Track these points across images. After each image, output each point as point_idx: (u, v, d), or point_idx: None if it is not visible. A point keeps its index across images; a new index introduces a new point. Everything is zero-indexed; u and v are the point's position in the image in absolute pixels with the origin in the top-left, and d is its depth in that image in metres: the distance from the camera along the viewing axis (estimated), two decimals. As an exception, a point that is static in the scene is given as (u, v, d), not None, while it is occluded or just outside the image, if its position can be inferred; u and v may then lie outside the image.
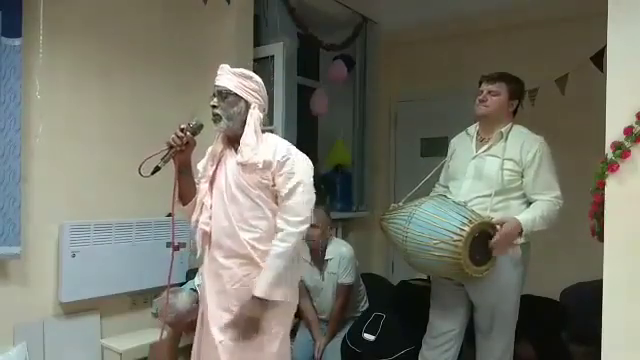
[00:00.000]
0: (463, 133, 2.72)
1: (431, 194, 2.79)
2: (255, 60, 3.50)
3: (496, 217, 2.33)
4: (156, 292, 2.92)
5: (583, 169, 2.37)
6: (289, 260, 1.93)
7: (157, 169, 1.94)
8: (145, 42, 3.15)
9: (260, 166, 1.93)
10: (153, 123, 3.21)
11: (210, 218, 2.03)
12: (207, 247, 2.07)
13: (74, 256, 2.72)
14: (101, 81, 2.95)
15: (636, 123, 1.93)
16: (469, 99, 2.69)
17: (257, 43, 3.54)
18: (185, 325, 2.76)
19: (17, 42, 2.51)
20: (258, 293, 1.89)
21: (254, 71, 3.47)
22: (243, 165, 1.95)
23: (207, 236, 2.04)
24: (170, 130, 3.27)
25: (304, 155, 2.04)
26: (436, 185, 2.83)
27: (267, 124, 2.11)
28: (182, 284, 2.96)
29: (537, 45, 4.11)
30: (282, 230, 1.92)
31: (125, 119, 3.06)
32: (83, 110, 2.87)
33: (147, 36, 3.16)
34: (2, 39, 2.46)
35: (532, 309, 2.73)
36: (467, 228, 2.17)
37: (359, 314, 3.27)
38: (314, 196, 2.02)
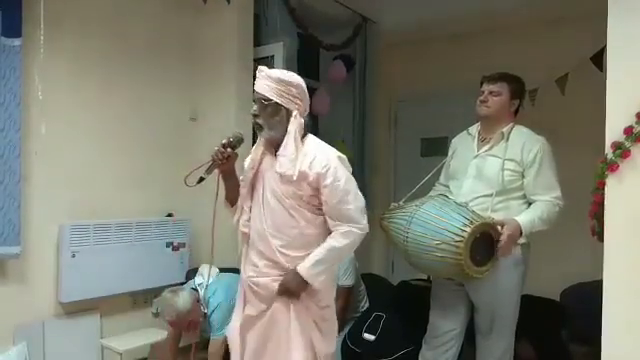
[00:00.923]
0: (464, 132, 2.72)
1: (431, 193, 2.79)
2: (255, 60, 3.50)
3: (497, 217, 2.34)
4: (156, 292, 2.92)
5: (583, 169, 2.37)
6: (342, 257, 2.00)
7: (201, 179, 1.97)
8: (145, 42, 3.15)
9: (294, 178, 1.90)
10: (153, 123, 3.21)
11: (249, 220, 2.04)
12: (246, 246, 2.08)
13: (74, 256, 2.72)
14: (101, 81, 2.95)
15: (636, 123, 1.93)
16: (469, 99, 2.69)
17: (257, 43, 3.54)
18: (185, 324, 2.76)
19: (17, 42, 2.51)
20: (299, 269, 1.92)
21: (254, 71, 3.51)
22: (280, 175, 1.94)
23: (246, 236, 2.06)
24: (170, 130, 3.30)
25: (342, 156, 2.01)
26: (436, 184, 2.83)
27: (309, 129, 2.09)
28: (182, 284, 2.96)
29: (537, 45, 4.10)
30: (346, 229, 1.93)
31: (125, 119, 3.06)
32: (83, 110, 2.87)
33: (147, 36, 3.16)
34: (2, 39, 2.46)
35: (532, 309, 2.73)
36: (468, 229, 2.17)
37: (359, 314, 3.27)
38: (364, 200, 2.01)
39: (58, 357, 2.74)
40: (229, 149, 1.97)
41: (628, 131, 1.94)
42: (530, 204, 2.43)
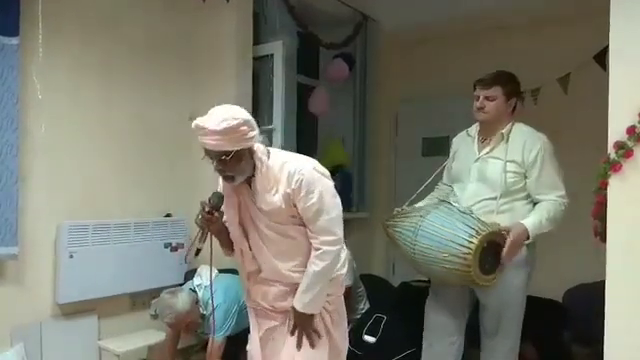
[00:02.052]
0: (464, 133, 2.70)
1: (434, 193, 2.77)
2: (255, 58, 3.48)
3: (502, 219, 2.34)
4: (154, 293, 2.90)
5: (586, 169, 2.35)
6: (327, 277, 1.91)
7: (199, 251, 1.92)
8: (144, 41, 3.14)
9: (282, 205, 1.84)
10: (152, 122, 3.20)
11: (253, 257, 1.98)
12: (254, 277, 2.02)
13: (72, 257, 2.70)
14: (100, 80, 2.93)
15: (639, 122, 1.91)
16: (471, 98, 2.67)
17: (256, 41, 3.52)
18: (184, 325, 2.74)
19: (15, 41, 2.49)
20: (297, 307, 1.90)
21: (254, 70, 3.50)
22: (265, 211, 1.89)
23: (254, 274, 2.00)
24: (169, 130, 3.27)
25: (311, 162, 1.93)
26: (439, 184, 2.81)
27: (266, 144, 2.03)
28: (181, 285, 2.95)
29: (539, 44, 4.08)
30: (319, 249, 1.87)
31: (124, 118, 3.05)
32: (82, 110, 2.86)
33: (146, 35, 3.14)
34: (0, 38, 2.44)
35: (534, 310, 2.71)
36: (475, 240, 2.17)
37: (359, 316, 3.25)
38: (340, 207, 1.94)
39: (56, 358, 2.72)
40: (215, 213, 1.89)
41: (631, 131, 1.93)
42: (535, 204, 2.42)
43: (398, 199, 4.98)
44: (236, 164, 1.80)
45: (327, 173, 1.96)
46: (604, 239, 2.01)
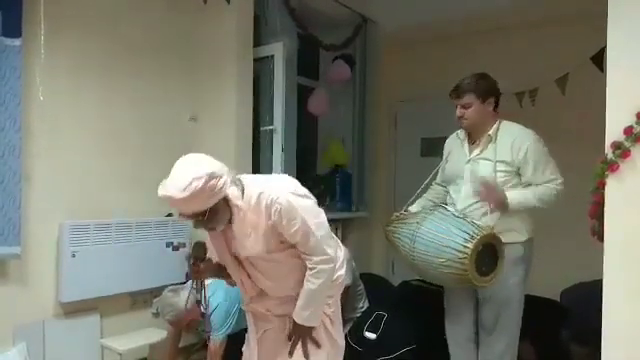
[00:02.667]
0: (454, 135, 2.75)
1: (427, 195, 2.81)
2: (255, 60, 3.50)
3: (496, 218, 2.35)
4: (156, 292, 2.92)
5: (583, 169, 2.37)
6: (325, 293, 1.91)
7: (199, 302, 1.98)
8: (145, 42, 3.15)
9: (263, 248, 1.82)
10: (153, 123, 3.21)
11: (254, 284, 1.98)
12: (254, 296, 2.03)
13: (74, 256, 2.72)
14: (101, 81, 2.95)
15: (636, 123, 1.93)
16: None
17: (257, 43, 3.54)
18: (185, 324, 2.76)
19: (17, 42, 2.51)
20: (297, 321, 1.91)
21: (254, 71, 3.52)
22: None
23: (256, 295, 2.01)
24: (170, 130, 3.29)
25: (287, 186, 1.84)
26: (433, 184, 2.84)
27: (233, 180, 1.85)
28: (182, 284, 2.96)
29: (537, 45, 4.10)
30: (314, 269, 1.86)
31: (125, 119, 3.06)
32: (83, 110, 2.87)
33: (147, 36, 3.16)
34: (2, 39, 2.46)
35: (532, 309, 2.73)
36: (470, 245, 2.21)
37: (359, 314, 3.27)
38: (325, 223, 1.90)
39: (58, 357, 2.74)
40: (200, 263, 1.89)
41: (628, 131, 1.94)
42: None
43: (398, 199, 5.01)
44: (213, 217, 1.73)
45: (305, 192, 1.89)
46: (601, 238, 2.03)
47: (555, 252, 3.65)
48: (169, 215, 3.23)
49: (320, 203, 4.36)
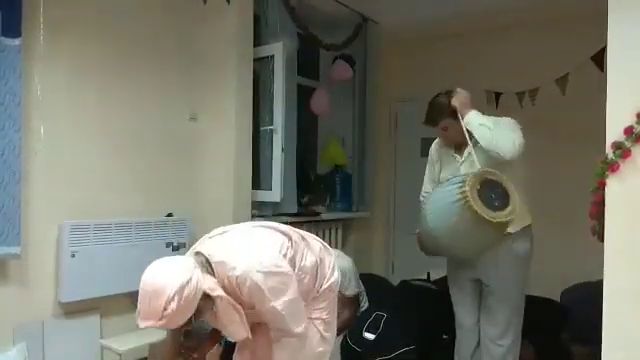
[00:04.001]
0: (437, 145, 2.81)
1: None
2: (255, 60, 3.50)
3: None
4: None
5: (583, 169, 2.37)
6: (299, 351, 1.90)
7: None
8: (145, 42, 3.15)
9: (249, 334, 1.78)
10: (153, 122, 3.21)
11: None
12: None
13: (74, 256, 2.72)
14: (101, 81, 2.94)
15: (636, 123, 1.93)
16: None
17: (257, 43, 3.54)
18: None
19: (17, 42, 2.50)
20: None
21: (254, 71, 3.51)
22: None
23: None
24: (170, 130, 3.29)
25: (257, 259, 1.75)
26: (423, 194, 2.85)
27: (202, 266, 1.78)
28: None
29: (537, 45, 4.10)
30: (278, 340, 1.85)
31: (125, 119, 3.06)
32: (83, 110, 2.87)
33: (147, 36, 3.16)
34: (2, 39, 2.45)
35: (533, 309, 2.73)
36: (466, 186, 2.27)
37: (358, 314, 3.27)
38: (296, 300, 1.80)
39: (58, 357, 2.74)
40: (195, 354, 1.88)
41: (628, 131, 1.94)
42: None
43: (398, 199, 5.02)
44: (199, 326, 1.73)
45: (273, 264, 1.77)
46: (602, 238, 2.03)
47: (556, 252, 3.65)
48: (169, 215, 3.23)
49: (320, 203, 4.38)
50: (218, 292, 1.69)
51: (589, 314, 2.21)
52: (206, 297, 1.66)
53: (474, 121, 2.49)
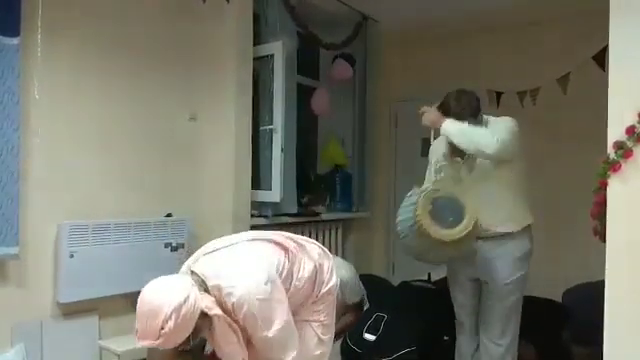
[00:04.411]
0: (436, 147, 2.81)
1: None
2: (255, 59, 3.49)
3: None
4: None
5: (585, 169, 2.36)
6: None
7: None
8: (144, 41, 3.14)
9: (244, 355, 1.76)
10: (153, 122, 3.20)
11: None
12: None
13: (72, 256, 2.70)
14: (100, 81, 2.93)
15: (638, 122, 1.92)
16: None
17: (257, 42, 3.53)
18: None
19: (15, 41, 2.49)
20: None
21: (254, 70, 3.51)
22: None
23: None
24: (169, 130, 3.28)
25: (255, 281, 1.73)
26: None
27: (199, 285, 1.77)
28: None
29: (538, 44, 4.09)
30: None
31: (124, 119, 3.05)
32: (82, 110, 2.86)
33: (146, 35, 3.15)
34: (0, 38, 2.44)
35: (533, 310, 2.73)
36: (418, 210, 2.33)
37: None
38: (288, 327, 1.79)
39: (56, 358, 2.72)
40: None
41: (630, 131, 1.93)
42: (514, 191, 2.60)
43: (398, 199, 4.99)
44: (197, 336, 1.70)
45: (266, 291, 1.74)
46: (604, 239, 2.02)
47: (557, 252, 3.65)
48: (168, 215, 3.22)
49: (320, 203, 4.37)
50: (215, 311, 1.68)
51: (590, 314, 2.20)
52: (204, 316, 1.66)
53: (450, 131, 2.50)
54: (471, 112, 2.54)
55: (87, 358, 2.86)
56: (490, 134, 2.44)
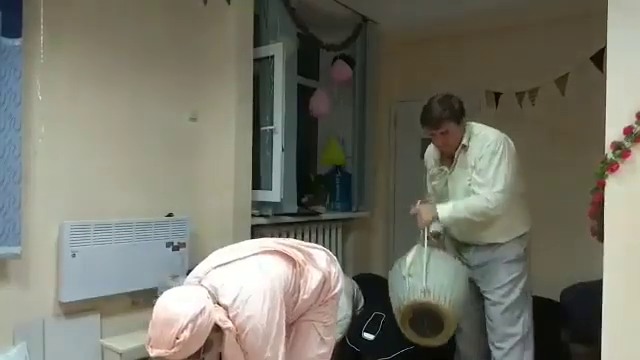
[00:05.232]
0: (429, 153, 2.82)
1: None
2: (255, 60, 3.50)
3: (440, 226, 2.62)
4: (156, 292, 2.91)
5: (583, 169, 2.38)
6: None
7: None
8: (145, 42, 3.15)
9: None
10: (153, 123, 3.21)
11: None
12: None
13: (74, 256, 2.72)
14: (101, 82, 2.94)
15: (636, 123, 1.93)
16: (470, 99, 2.69)
17: (257, 43, 3.54)
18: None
19: (17, 42, 2.50)
20: None
21: (254, 72, 3.52)
22: None
23: None
24: (170, 130, 3.29)
25: (262, 284, 1.76)
26: (429, 194, 2.87)
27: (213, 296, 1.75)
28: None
29: (537, 45, 4.11)
30: None
31: (125, 119, 3.06)
32: (83, 110, 2.87)
33: (147, 36, 3.16)
34: (2, 39, 2.45)
35: (532, 309, 2.73)
36: (399, 316, 2.51)
37: (357, 314, 3.27)
38: (280, 337, 1.77)
39: (58, 357, 2.74)
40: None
41: (628, 131, 1.94)
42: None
43: (398, 199, 5.02)
44: (209, 349, 1.68)
45: (270, 307, 1.75)
46: (601, 238, 2.03)
47: (555, 252, 3.66)
48: (169, 215, 3.24)
49: (320, 203, 4.38)
50: (229, 324, 1.69)
51: (589, 314, 2.21)
52: (216, 329, 1.66)
53: (447, 217, 2.49)
54: (452, 114, 2.51)
55: (89, 357, 2.88)
56: (483, 195, 2.43)
